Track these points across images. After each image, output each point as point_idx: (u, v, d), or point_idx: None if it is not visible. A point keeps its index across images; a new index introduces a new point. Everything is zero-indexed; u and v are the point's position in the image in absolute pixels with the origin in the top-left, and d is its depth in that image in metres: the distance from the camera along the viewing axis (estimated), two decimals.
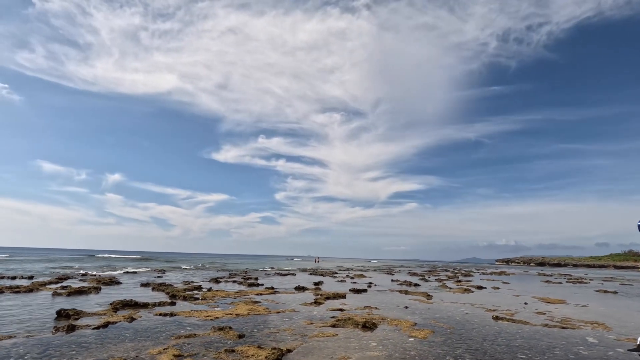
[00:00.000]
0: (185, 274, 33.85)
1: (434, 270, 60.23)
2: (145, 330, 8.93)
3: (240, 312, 11.86)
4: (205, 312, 11.54)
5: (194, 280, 25.68)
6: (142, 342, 7.68)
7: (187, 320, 10.42)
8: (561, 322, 12.02)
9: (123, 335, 8.33)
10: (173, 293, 16.20)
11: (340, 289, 21.30)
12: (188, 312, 11.47)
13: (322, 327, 9.88)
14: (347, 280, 29.97)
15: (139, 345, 7.42)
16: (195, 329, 9.19)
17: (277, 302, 15.00)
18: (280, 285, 23.24)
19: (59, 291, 15.65)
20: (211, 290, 18.36)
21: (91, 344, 7.50)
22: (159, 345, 7.48)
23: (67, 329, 8.57)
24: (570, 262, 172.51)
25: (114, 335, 8.31)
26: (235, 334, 8.49)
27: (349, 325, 10.17)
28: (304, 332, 9.14)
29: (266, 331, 9.18)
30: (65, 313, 10.34)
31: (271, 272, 40.06)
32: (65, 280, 22.02)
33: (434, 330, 9.86)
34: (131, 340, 7.88)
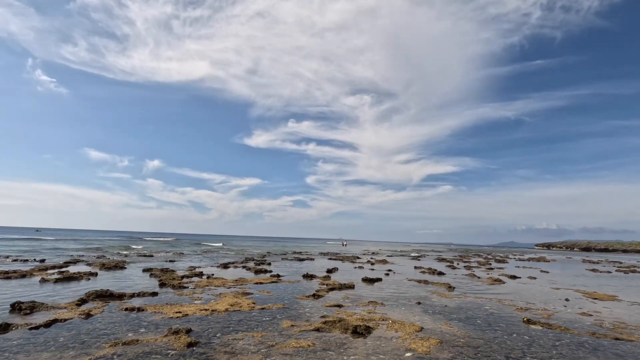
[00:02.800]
0: (200, 257, 33.44)
1: (466, 256, 56.88)
2: (87, 332, 7.55)
3: (218, 307, 10.33)
4: (176, 307, 10.11)
5: (201, 265, 24.85)
6: (64, 352, 6.25)
7: (150, 317, 9.01)
8: (613, 328, 9.49)
9: (55, 340, 6.97)
10: (165, 281, 15.07)
11: (352, 278, 19.46)
12: (158, 307, 10.09)
13: (302, 332, 8.08)
14: (366, 267, 28.07)
15: (55, 358, 5.98)
16: (147, 332, 7.71)
17: (271, 294, 13.41)
18: (289, 272, 21.78)
19: (47, 277, 14.98)
20: (210, 278, 17.15)
21: (5, 352, 6.17)
22: (80, 357, 6.00)
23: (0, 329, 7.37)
24: (620, 248, 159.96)
25: (44, 339, 6.97)
26: (185, 341, 6.89)
27: (337, 330, 8.31)
28: (274, 340, 7.39)
29: (229, 337, 7.52)
30: (19, 306, 9.27)
31: (289, 257, 38.97)
32: (74, 264, 21.83)
33: (442, 340, 7.76)
34: (56, 348, 6.48)
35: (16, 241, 50.68)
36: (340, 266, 27.90)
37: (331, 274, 21.31)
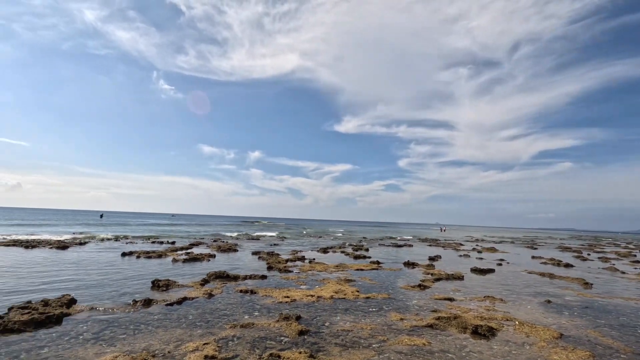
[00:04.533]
0: (301, 241, 35.09)
1: (596, 245, 48.10)
2: (211, 312, 8.24)
3: (323, 294, 10.37)
4: (284, 292, 10.47)
5: (302, 249, 25.92)
6: (193, 330, 6.85)
7: (261, 300, 9.48)
8: None
9: (185, 317, 7.76)
10: (272, 264, 16.00)
11: (459, 268, 17.91)
12: (268, 291, 10.60)
13: (414, 328, 7.47)
14: (472, 255, 25.71)
15: (186, 334, 6.59)
16: (261, 315, 8.06)
17: (374, 281, 13.04)
18: (389, 259, 21.17)
19: (177, 258, 17.31)
20: (312, 262, 17.66)
21: (148, 325, 7.06)
22: (206, 336, 6.49)
23: (143, 304, 8.55)
24: None
25: (177, 316, 7.82)
26: (297, 328, 6.94)
27: (453, 328, 7.47)
28: (384, 334, 6.96)
29: (338, 327, 7.36)
30: (157, 283, 10.73)
31: (386, 242, 38.21)
32: (197, 246, 24.94)
33: (594, 354, 6.30)
34: (187, 325, 7.17)
35: (153, 226, 60.84)
36: (442, 254, 26.12)
37: (434, 262, 19.99)
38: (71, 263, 15.10)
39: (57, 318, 7.13)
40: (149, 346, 5.93)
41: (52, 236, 28.68)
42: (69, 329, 6.74)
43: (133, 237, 31.05)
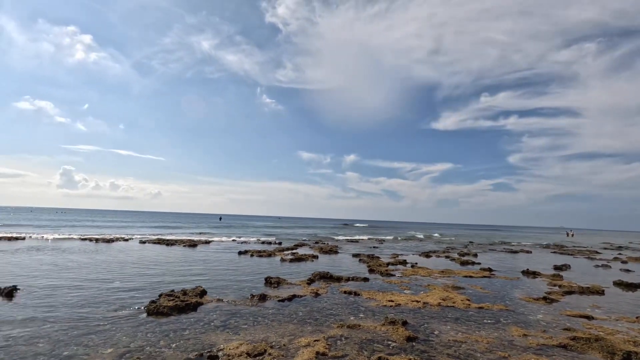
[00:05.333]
0: (401, 245, 34.17)
1: None
2: (318, 310, 8.63)
3: (430, 300, 9.88)
4: (388, 295, 10.31)
5: (403, 253, 25.16)
6: (304, 327, 7.26)
7: (365, 303, 9.52)
8: None
9: (295, 313, 8.28)
10: (373, 267, 15.96)
11: (596, 280, 15.09)
12: (372, 294, 10.58)
13: (542, 346, 6.54)
14: (614, 266, 21.36)
15: (298, 330, 7.02)
16: (366, 317, 8.09)
17: (486, 290, 11.89)
18: (502, 266, 19.06)
19: (284, 257, 18.61)
20: (414, 267, 17.02)
21: (265, 318, 7.75)
22: (316, 333, 6.81)
23: (259, 299, 9.43)
24: None
25: (288, 312, 8.40)
26: (404, 334, 6.76)
27: (595, 352, 6.30)
28: (505, 351, 6.26)
29: (449, 336, 6.91)
30: (270, 280, 11.70)
31: (497, 248, 34.45)
32: (301, 247, 26.45)
33: None
34: (298, 321, 7.64)
35: (262, 228, 66.78)
36: (572, 262, 22.34)
37: (562, 272, 17.21)
38: (199, 259, 17.58)
39: (194, 306, 8.37)
40: (266, 337, 6.50)
41: (185, 236, 33.91)
42: (202, 316, 7.84)
43: (246, 238, 34.59)
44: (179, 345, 6.01)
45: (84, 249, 20.22)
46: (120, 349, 5.73)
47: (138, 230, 40.62)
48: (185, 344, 6.05)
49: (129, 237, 29.79)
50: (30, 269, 13.14)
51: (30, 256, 16.54)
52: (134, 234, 34.30)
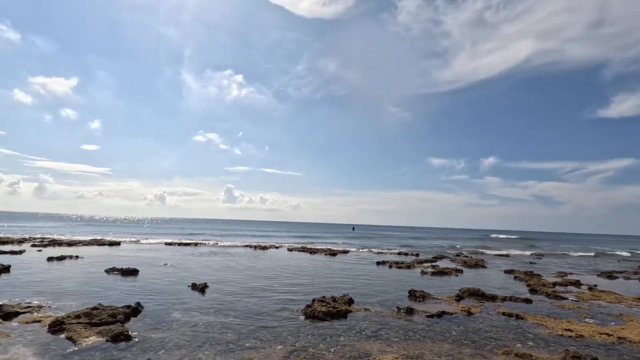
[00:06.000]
0: (570, 261, 28.34)
1: None
2: (474, 331, 7.83)
3: (628, 335, 7.78)
4: (563, 323, 8.57)
5: (573, 272, 20.71)
6: (461, 348, 6.68)
7: (534, 329, 8.16)
8: None
9: (448, 332, 7.72)
10: (535, 287, 13.68)
11: None
12: (539, 319, 9.00)
13: None
14: None
15: (455, 351, 6.50)
16: (537, 347, 6.90)
17: None
18: None
19: (425, 270, 17.75)
20: (592, 290, 13.80)
21: (416, 333, 7.49)
22: (476, 357, 6.16)
23: (405, 312, 9.19)
24: None
25: (440, 329, 7.90)
26: None
27: None
28: None
29: None
30: (414, 294, 11.31)
31: None
32: (440, 260, 24.84)
33: None
34: (453, 341, 7.09)
35: (397, 239, 65.84)
36: None
37: None
38: (340, 268, 18.43)
39: (344, 313, 8.76)
40: (422, 354, 6.24)
41: (324, 245, 36.28)
42: (353, 324, 8.11)
43: (382, 248, 34.66)
44: (336, 350, 6.34)
45: (246, 254, 23.83)
46: (288, 347, 6.40)
47: (284, 239, 45.60)
48: (342, 350, 6.33)
49: (279, 245, 33.66)
50: (212, 269, 16.21)
51: (210, 258, 20.46)
52: (282, 242, 38.64)
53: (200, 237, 43.31)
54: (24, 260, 16.49)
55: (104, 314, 7.46)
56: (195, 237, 42.93)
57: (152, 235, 44.11)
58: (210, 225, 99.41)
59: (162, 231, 56.80)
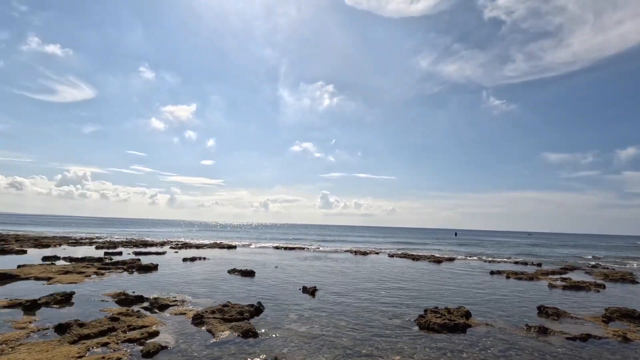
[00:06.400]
0: None
1: None
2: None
3: None
4: None
5: None
6: None
7: None
8: None
9: (598, 358, 6.44)
10: None
11: None
12: None
13: None
14: None
15: None
16: None
17: None
18: None
19: (553, 283, 15.32)
20: None
21: (555, 357, 6.45)
22: None
23: (538, 331, 8.03)
24: None
25: (587, 355, 6.65)
26: None
27: None
28: None
29: None
30: (545, 311, 9.83)
31: None
32: (571, 272, 21.25)
33: None
34: None
35: (511, 247, 58.90)
36: None
37: None
38: (448, 277, 17.22)
39: (462, 327, 8.08)
40: None
41: (425, 251, 34.55)
42: (474, 340, 7.41)
43: (494, 257, 31.35)
44: None
45: (348, 259, 24.15)
46: (406, 358, 6.17)
47: (383, 245, 44.92)
48: None
49: (378, 250, 33.28)
50: (318, 273, 16.84)
51: (314, 263, 21.31)
52: (381, 248, 38.13)
53: (302, 242, 45.69)
54: (166, 260, 19.67)
55: (233, 311, 8.33)
56: (299, 242, 45.44)
57: (260, 239, 48.27)
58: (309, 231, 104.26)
59: (268, 236, 61.72)
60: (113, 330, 6.77)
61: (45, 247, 24.79)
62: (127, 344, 6.25)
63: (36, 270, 13.58)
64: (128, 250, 24.71)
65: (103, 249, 25.02)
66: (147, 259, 19.49)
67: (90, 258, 18.09)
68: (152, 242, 32.57)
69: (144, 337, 6.54)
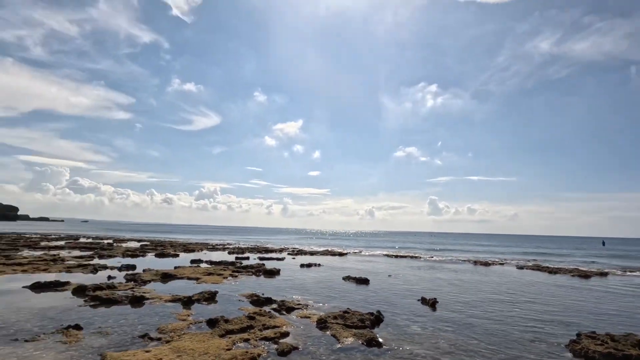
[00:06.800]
0: None
1: None
2: None
3: None
4: None
5: None
6: None
7: None
8: None
9: None
10: None
11: None
12: None
13: None
14: None
15: None
16: None
17: None
18: None
19: None
20: None
21: None
22: None
23: None
24: None
25: None
26: None
27: None
28: None
29: None
30: None
31: None
32: None
33: None
34: None
35: None
36: None
37: None
38: (602, 297, 14.19)
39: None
40: None
41: (564, 264, 29.34)
42: None
43: None
44: None
45: (467, 270, 22.16)
46: None
47: (507, 255, 39.92)
48: None
49: (503, 261, 29.70)
50: (434, 283, 15.86)
51: (429, 273, 20.18)
52: (505, 258, 33.96)
53: (413, 250, 44.00)
54: (285, 265, 21.26)
55: (354, 318, 8.42)
56: (409, 250, 43.90)
57: (368, 247, 48.29)
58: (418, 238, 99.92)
59: (376, 244, 61.36)
60: (251, 328, 7.55)
61: (191, 251, 29.53)
62: (264, 341, 6.88)
63: (187, 271, 16.23)
64: (254, 255, 27.60)
65: (234, 254, 28.53)
66: (270, 264, 21.40)
67: (225, 262, 20.83)
68: (272, 249, 35.75)
69: (277, 337, 7.10)
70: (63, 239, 41.36)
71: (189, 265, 19.34)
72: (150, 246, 33.29)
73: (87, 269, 16.09)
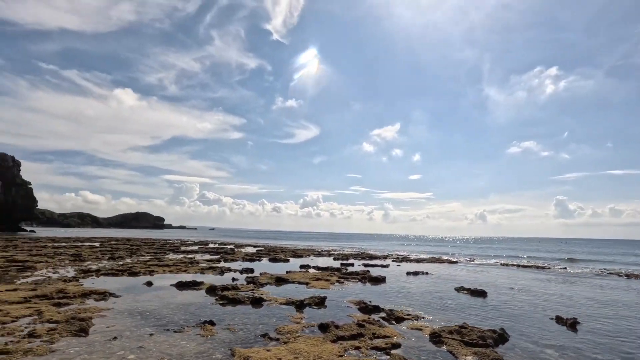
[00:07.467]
0: None
1: None
2: None
3: None
4: None
5: None
6: None
7: None
8: None
9: None
10: None
11: None
12: None
13: None
14: None
15: None
16: None
17: None
18: None
19: None
20: None
21: None
22: None
23: None
24: None
25: None
26: None
27: None
28: None
29: None
30: None
31: None
32: None
33: None
34: None
35: None
36: None
37: None
38: None
39: None
40: None
41: None
42: None
43: None
44: None
45: (617, 286, 18.19)
46: None
47: None
48: None
49: None
50: (571, 299, 13.41)
51: (562, 286, 17.18)
52: None
53: (538, 259, 38.32)
54: (390, 273, 20.76)
55: (473, 334, 7.66)
56: (534, 260, 38.40)
57: (482, 255, 43.86)
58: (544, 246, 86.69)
59: (491, 251, 55.36)
60: (361, 335, 7.53)
61: (299, 257, 31.31)
62: (375, 351, 6.77)
63: (298, 276, 17.21)
64: (358, 261, 27.76)
65: (339, 260, 29.19)
66: (375, 270, 21.19)
67: (331, 268, 21.45)
68: (375, 255, 35.43)
69: (388, 347, 6.91)
70: (196, 244, 48.63)
71: (299, 270, 20.49)
72: (264, 251, 36.53)
73: (215, 271, 18.48)
